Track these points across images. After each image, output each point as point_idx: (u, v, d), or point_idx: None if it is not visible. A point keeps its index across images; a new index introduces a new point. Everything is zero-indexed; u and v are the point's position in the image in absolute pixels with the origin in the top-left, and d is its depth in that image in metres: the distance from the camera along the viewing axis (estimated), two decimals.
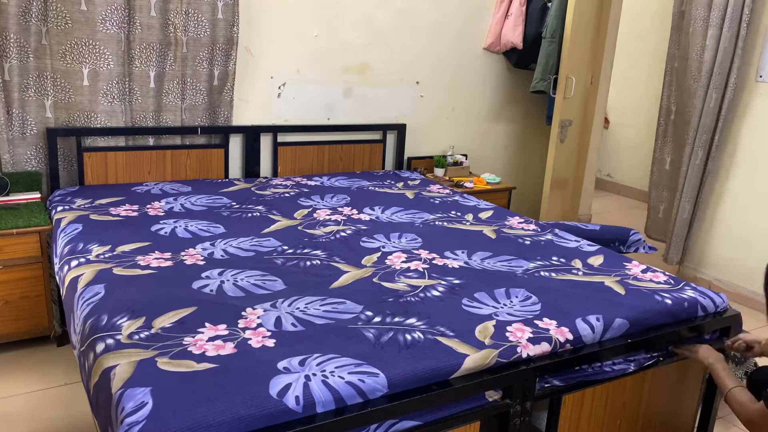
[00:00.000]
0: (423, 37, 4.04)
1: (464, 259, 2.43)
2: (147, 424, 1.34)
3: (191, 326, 1.76)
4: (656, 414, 2.14)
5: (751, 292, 3.72)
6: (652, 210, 4.26)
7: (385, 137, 4.04)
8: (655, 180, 4.19)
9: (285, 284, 2.11)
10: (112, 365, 1.56)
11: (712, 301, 2.19)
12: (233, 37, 3.35)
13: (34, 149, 3.06)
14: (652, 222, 4.28)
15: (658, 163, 4.17)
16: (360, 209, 3.04)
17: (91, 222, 2.59)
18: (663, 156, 4.14)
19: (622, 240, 3.02)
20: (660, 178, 4.17)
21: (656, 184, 4.20)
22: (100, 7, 3.01)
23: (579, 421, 1.93)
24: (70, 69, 3.04)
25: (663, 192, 4.17)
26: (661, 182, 4.17)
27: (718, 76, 3.65)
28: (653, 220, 4.26)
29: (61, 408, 2.37)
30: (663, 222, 4.20)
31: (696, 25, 3.75)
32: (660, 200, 4.20)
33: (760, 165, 3.65)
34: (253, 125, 3.61)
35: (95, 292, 1.96)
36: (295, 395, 1.47)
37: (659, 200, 4.21)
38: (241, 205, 3.00)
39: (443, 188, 3.59)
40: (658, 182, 4.19)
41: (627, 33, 5.29)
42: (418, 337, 1.77)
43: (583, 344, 1.90)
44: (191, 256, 2.31)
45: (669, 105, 4.05)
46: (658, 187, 4.19)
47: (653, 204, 4.24)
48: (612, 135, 6.30)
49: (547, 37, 4.10)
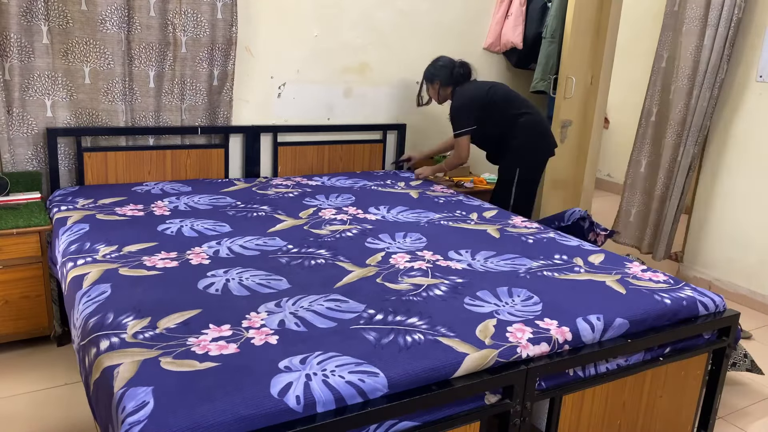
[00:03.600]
0: (423, 37, 4.04)
1: (468, 259, 2.44)
2: (148, 424, 1.34)
3: (195, 327, 1.76)
4: (656, 414, 2.15)
5: (750, 291, 3.72)
6: (623, 213, 4.16)
7: (385, 137, 4.04)
8: (630, 182, 4.12)
9: (289, 283, 2.11)
10: (116, 364, 1.56)
11: (712, 300, 2.20)
12: (232, 37, 3.35)
13: (34, 149, 3.06)
14: (622, 226, 4.17)
15: (633, 165, 4.10)
16: (365, 209, 3.05)
17: (97, 222, 2.60)
18: (639, 158, 4.07)
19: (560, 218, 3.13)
20: (635, 181, 4.09)
21: (630, 186, 4.12)
22: (100, 7, 3.01)
23: (579, 421, 1.93)
24: (71, 69, 3.05)
25: (636, 195, 4.10)
26: (636, 185, 4.09)
27: (712, 75, 3.64)
28: (624, 224, 4.15)
29: (61, 408, 2.37)
30: (633, 227, 4.12)
31: (691, 25, 3.74)
32: (631, 203, 4.12)
33: (760, 165, 3.65)
34: (253, 125, 3.61)
35: (101, 291, 1.96)
36: (296, 395, 1.47)
37: (631, 203, 4.12)
38: (246, 204, 3.01)
39: (446, 188, 3.60)
40: (632, 185, 4.11)
41: (627, 33, 5.30)
42: (419, 336, 1.78)
43: (582, 344, 1.90)
44: (197, 255, 2.32)
45: (651, 106, 4.00)
46: (632, 189, 4.11)
47: (625, 207, 4.15)
48: (612, 135, 6.31)
49: (547, 37, 4.10)
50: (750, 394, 2.76)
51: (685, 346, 2.16)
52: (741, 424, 2.54)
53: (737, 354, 2.65)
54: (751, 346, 3.12)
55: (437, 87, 3.57)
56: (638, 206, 4.12)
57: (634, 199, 4.12)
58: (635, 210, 4.12)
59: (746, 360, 2.67)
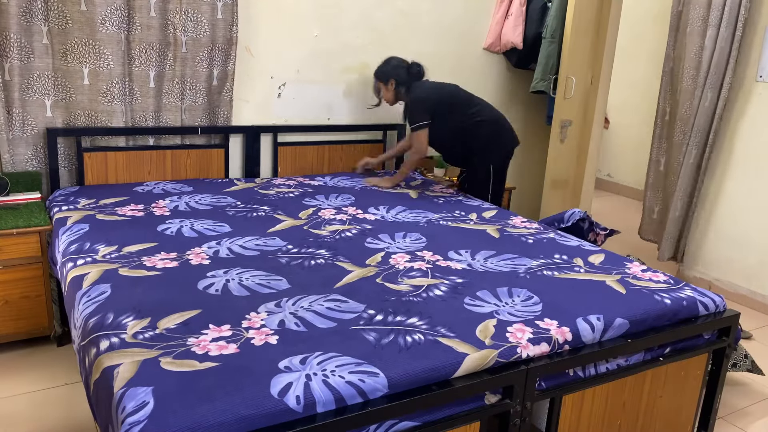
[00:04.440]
0: (423, 37, 4.04)
1: (468, 259, 2.44)
2: (148, 424, 1.34)
3: (195, 327, 1.76)
4: (656, 414, 2.15)
5: (750, 292, 3.72)
6: (646, 211, 4.26)
7: (385, 137, 4.04)
8: (651, 182, 4.19)
9: (289, 283, 2.11)
10: (116, 364, 1.57)
11: (712, 301, 2.20)
12: (232, 37, 3.35)
13: (34, 149, 3.06)
14: (646, 223, 4.27)
15: (653, 165, 4.17)
16: (365, 209, 3.05)
17: (97, 222, 2.60)
18: (658, 158, 4.14)
19: (560, 219, 3.12)
20: (656, 180, 4.17)
21: (652, 185, 4.19)
22: (100, 7, 3.01)
23: (579, 421, 1.93)
24: (71, 69, 3.05)
25: (658, 193, 4.17)
26: (657, 184, 4.17)
27: (715, 75, 3.65)
28: (648, 221, 4.26)
29: (61, 408, 2.37)
30: (657, 224, 4.19)
31: (694, 25, 3.76)
32: (655, 201, 4.20)
33: (760, 165, 3.65)
34: (253, 125, 3.61)
35: (101, 291, 1.97)
36: (296, 395, 1.47)
37: (654, 201, 4.20)
38: (246, 204, 3.01)
39: (446, 188, 3.60)
40: (653, 184, 4.18)
41: (627, 33, 5.30)
42: (419, 337, 1.78)
43: (582, 344, 1.90)
44: (197, 255, 2.32)
45: (664, 106, 4.06)
46: (654, 188, 4.18)
47: (648, 205, 4.24)
48: (612, 135, 6.31)
49: (547, 37, 4.10)
50: (750, 394, 2.76)
51: (686, 346, 2.16)
52: (741, 424, 2.54)
53: (738, 354, 2.65)
54: (751, 347, 3.12)
55: (392, 86, 3.54)
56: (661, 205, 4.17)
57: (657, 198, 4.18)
58: (657, 208, 4.18)
59: (746, 360, 2.67)
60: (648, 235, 4.26)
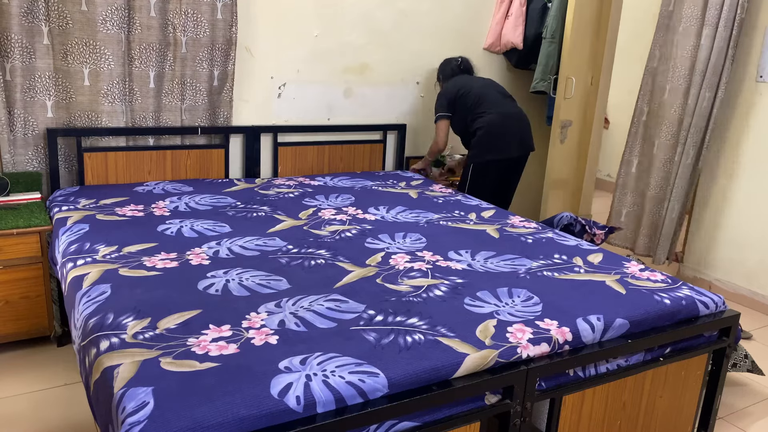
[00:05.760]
0: (423, 37, 4.04)
1: (468, 259, 2.44)
2: (148, 424, 1.34)
3: (195, 327, 1.76)
4: (656, 414, 2.15)
5: (750, 292, 3.72)
6: (614, 213, 4.12)
7: (385, 137, 4.05)
8: (621, 182, 4.09)
9: (289, 284, 2.11)
10: (116, 364, 1.57)
11: (711, 300, 2.20)
12: (232, 38, 3.35)
13: (34, 149, 3.06)
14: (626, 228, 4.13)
15: (625, 165, 4.07)
16: (365, 209, 3.05)
17: (97, 222, 2.60)
18: (631, 158, 4.05)
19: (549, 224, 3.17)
20: (626, 181, 4.07)
21: (621, 186, 4.09)
22: (101, 7, 3.02)
23: (579, 421, 1.93)
24: (71, 69, 3.05)
25: (627, 195, 4.07)
26: (627, 185, 4.07)
27: (713, 75, 3.62)
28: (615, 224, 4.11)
29: (61, 408, 2.37)
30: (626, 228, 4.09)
31: (688, 24, 3.72)
32: (622, 204, 4.09)
33: (760, 165, 3.65)
34: (253, 125, 3.61)
35: (101, 291, 1.97)
36: (296, 395, 1.47)
37: (621, 204, 4.10)
38: (246, 204, 3.01)
39: (445, 188, 3.60)
40: (623, 185, 4.08)
41: (627, 33, 5.29)
42: (419, 337, 1.78)
43: (583, 344, 1.90)
44: (197, 255, 2.32)
45: (642, 106, 3.98)
46: (623, 190, 4.08)
47: (616, 207, 4.12)
48: (612, 135, 6.31)
49: (547, 37, 4.10)
50: (750, 394, 2.76)
51: (686, 347, 2.16)
52: (741, 424, 2.54)
53: (738, 355, 2.64)
54: (751, 347, 3.12)
55: (440, 83, 3.87)
56: (629, 207, 4.10)
57: (626, 200, 4.11)
58: (626, 210, 4.11)
59: (747, 361, 2.67)
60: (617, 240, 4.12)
